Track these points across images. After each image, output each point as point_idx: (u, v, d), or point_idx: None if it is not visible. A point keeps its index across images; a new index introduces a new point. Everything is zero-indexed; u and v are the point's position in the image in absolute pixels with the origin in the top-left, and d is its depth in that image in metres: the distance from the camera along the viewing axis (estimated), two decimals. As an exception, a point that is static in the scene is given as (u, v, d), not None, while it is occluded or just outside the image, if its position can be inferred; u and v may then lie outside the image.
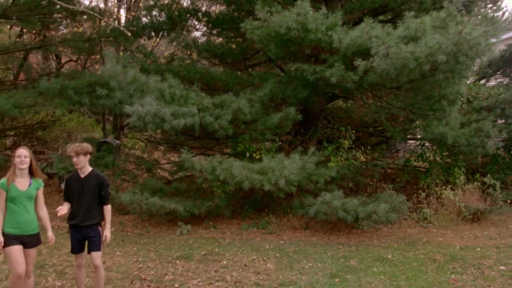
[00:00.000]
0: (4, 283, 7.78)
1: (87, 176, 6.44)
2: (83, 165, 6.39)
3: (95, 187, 6.42)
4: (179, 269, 8.35)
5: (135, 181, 13.17)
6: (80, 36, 15.04)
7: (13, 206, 5.94)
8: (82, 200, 6.38)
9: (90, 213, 6.40)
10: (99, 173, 6.57)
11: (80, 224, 6.40)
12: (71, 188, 6.45)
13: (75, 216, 6.42)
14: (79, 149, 6.30)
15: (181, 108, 10.32)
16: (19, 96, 12.47)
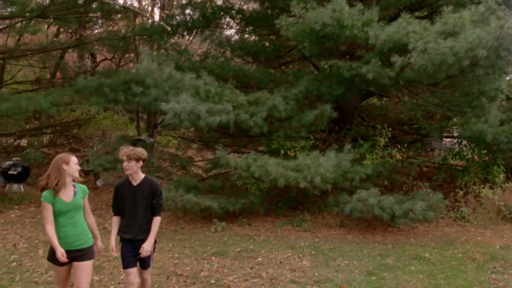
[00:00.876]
0: (44, 277, 7.91)
1: (140, 184, 5.79)
2: (134, 171, 5.73)
3: (149, 196, 5.77)
4: (214, 265, 8.36)
5: (169, 178, 13.24)
6: (115, 34, 15.20)
7: (60, 220, 5.27)
8: (135, 211, 5.76)
9: (145, 225, 5.78)
10: (153, 180, 5.91)
11: (135, 238, 5.79)
12: (122, 197, 5.83)
13: (128, 229, 5.80)
14: (131, 153, 5.70)
15: (216, 105, 10.33)
16: (57, 94, 12.65)
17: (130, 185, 5.78)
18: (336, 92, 11.33)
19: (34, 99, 12.40)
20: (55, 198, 5.21)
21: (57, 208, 5.22)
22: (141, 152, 5.76)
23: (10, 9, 13.41)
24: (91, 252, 5.46)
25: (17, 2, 12.97)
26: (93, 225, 5.62)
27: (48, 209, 5.23)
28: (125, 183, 5.82)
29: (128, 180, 5.81)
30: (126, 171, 5.72)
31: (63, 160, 5.33)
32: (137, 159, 5.69)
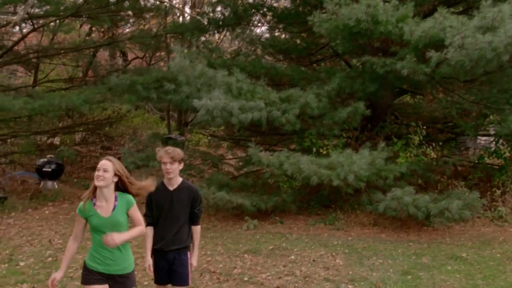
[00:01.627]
0: (79, 272, 7.95)
1: (177, 188, 5.13)
2: (175, 174, 5.10)
3: (187, 202, 5.11)
4: (247, 263, 8.33)
5: (201, 176, 13.27)
6: (147, 33, 15.29)
7: (97, 236, 4.42)
8: (170, 219, 5.10)
9: (179, 235, 5.11)
10: (191, 184, 5.28)
11: (167, 249, 5.11)
12: (157, 203, 5.15)
13: (160, 238, 5.13)
14: (174, 154, 5.01)
15: (249, 102, 10.29)
16: (90, 92, 12.78)
17: (166, 189, 5.13)
18: (369, 89, 11.19)
19: (67, 97, 12.56)
20: (90, 210, 4.41)
21: (91, 223, 4.42)
22: (181, 152, 5.15)
23: (45, 8, 13.58)
24: (132, 280, 4.65)
25: (52, 1, 13.14)
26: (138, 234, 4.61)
27: (78, 222, 4.52)
28: (159, 188, 5.11)
29: (163, 184, 5.16)
30: (167, 174, 5.06)
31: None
32: (180, 160, 5.08)
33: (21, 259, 8.69)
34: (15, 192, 13.99)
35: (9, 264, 8.39)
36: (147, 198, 5.16)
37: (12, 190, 13.98)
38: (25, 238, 10.08)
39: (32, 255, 8.96)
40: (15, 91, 16.42)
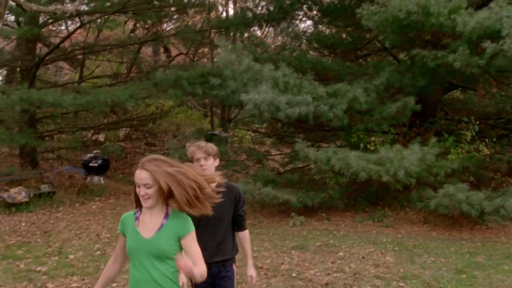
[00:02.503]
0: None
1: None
2: (211, 171, 4.31)
3: (230, 204, 4.30)
4: (294, 259, 8.22)
5: (246, 172, 13.21)
6: (192, 28, 15.31)
7: (132, 266, 3.18)
8: (211, 225, 4.26)
9: (222, 244, 4.33)
10: (232, 184, 4.53)
11: (209, 261, 4.03)
12: None
13: (202, 249, 4.01)
14: (208, 148, 4.29)
15: (296, 97, 10.16)
16: (135, 87, 12.86)
17: None
18: (419, 83, 10.91)
19: (113, 92, 12.66)
20: (130, 226, 3.22)
21: (127, 243, 3.21)
22: (215, 147, 4.39)
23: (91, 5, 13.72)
24: None
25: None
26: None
27: (120, 239, 3.35)
28: None
29: None
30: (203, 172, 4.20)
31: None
32: (215, 155, 4.33)
33: (71, 252, 8.79)
34: (63, 187, 14.20)
35: (59, 256, 8.51)
36: None
37: (59, 185, 14.19)
38: (73, 232, 10.20)
39: (80, 248, 9.05)
40: (62, 87, 16.71)
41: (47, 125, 17.42)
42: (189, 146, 4.38)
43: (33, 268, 7.79)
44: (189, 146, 4.38)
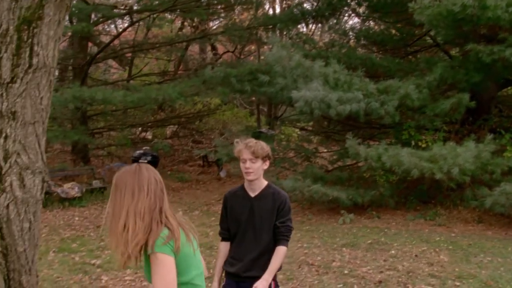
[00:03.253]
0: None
1: (260, 195, 3.86)
2: (258, 176, 3.81)
3: (271, 213, 3.81)
4: (346, 256, 8.13)
5: (294, 169, 13.18)
6: (240, 26, 15.36)
7: None
8: (249, 234, 3.86)
9: (261, 257, 3.81)
10: (279, 190, 3.95)
11: (243, 274, 3.83)
12: (234, 212, 3.92)
13: (236, 260, 3.90)
14: (257, 148, 3.74)
15: (346, 94, 10.05)
16: (184, 84, 12.98)
17: (246, 195, 3.90)
18: (473, 79, 10.65)
19: (163, 89, 12.80)
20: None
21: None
22: (268, 148, 3.84)
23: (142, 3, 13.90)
24: None
25: (149, -4, 13.46)
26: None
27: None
28: (238, 193, 3.97)
29: (243, 188, 3.94)
30: (247, 175, 3.80)
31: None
32: (265, 157, 3.80)
33: (123, 246, 8.87)
34: (113, 183, 14.40)
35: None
36: (223, 204, 4.06)
37: (110, 181, 14.37)
38: (125, 227, 10.32)
39: (132, 243, 9.14)
40: (112, 85, 17.02)
41: (98, 123, 17.79)
42: (237, 142, 3.88)
43: (87, 261, 7.95)
44: (237, 143, 3.88)
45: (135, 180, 2.61)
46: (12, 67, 3.15)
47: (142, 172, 2.65)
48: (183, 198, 13.44)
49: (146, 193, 2.59)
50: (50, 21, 3.23)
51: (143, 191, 2.59)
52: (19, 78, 3.17)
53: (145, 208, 2.57)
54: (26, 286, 3.07)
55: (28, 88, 3.20)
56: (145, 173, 2.65)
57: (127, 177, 2.63)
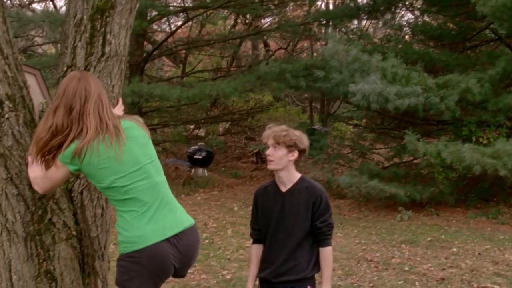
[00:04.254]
0: (236, 255, 8.10)
1: (291, 189, 3.47)
2: (282, 166, 3.40)
3: (306, 209, 3.43)
4: (405, 253, 7.98)
5: (349, 165, 13.06)
6: (295, 21, 15.31)
7: None
8: (282, 234, 3.47)
9: (293, 260, 3.44)
10: (313, 183, 3.54)
11: (275, 280, 3.47)
12: (264, 209, 3.55)
13: (268, 263, 3.52)
14: (280, 134, 3.34)
15: (405, 88, 9.87)
16: (239, 80, 13.03)
17: (277, 191, 3.51)
18: (538, 73, 10.31)
19: (218, 85, 12.86)
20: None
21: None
22: (299, 137, 3.41)
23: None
24: None
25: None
26: None
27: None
28: (269, 188, 3.58)
29: (275, 183, 3.54)
30: (268, 164, 3.48)
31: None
32: (290, 146, 3.35)
33: (180, 240, 8.98)
34: (169, 178, 14.51)
35: (169, 244, 8.71)
36: (253, 201, 3.68)
37: (166, 176, 14.59)
38: (181, 221, 10.44)
39: (189, 237, 9.24)
40: (167, 82, 17.24)
41: (152, 119, 18.05)
42: (268, 127, 3.52)
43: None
44: (268, 127, 3.51)
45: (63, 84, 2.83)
46: (86, 56, 3.23)
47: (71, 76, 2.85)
48: (237, 194, 13.50)
49: (63, 92, 2.77)
50: (122, 10, 3.28)
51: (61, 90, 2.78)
52: (92, 66, 3.24)
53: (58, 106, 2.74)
54: (99, 271, 3.13)
55: (101, 76, 3.27)
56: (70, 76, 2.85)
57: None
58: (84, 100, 2.72)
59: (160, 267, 2.77)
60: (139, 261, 2.73)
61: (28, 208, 2.94)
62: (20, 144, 2.96)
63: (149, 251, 2.74)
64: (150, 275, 2.76)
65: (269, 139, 3.39)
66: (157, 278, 2.82)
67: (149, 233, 2.76)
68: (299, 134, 3.42)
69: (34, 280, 2.91)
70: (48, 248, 2.95)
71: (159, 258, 2.76)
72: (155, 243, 2.75)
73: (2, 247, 2.95)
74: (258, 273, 3.59)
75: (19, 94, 3.03)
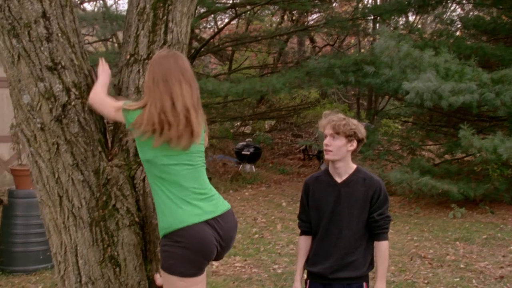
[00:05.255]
0: (286, 249, 8.11)
1: (348, 180, 3.36)
2: (341, 156, 3.28)
3: (364, 202, 3.32)
4: (460, 250, 7.87)
5: (399, 162, 12.90)
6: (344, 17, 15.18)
7: None
8: (337, 228, 3.34)
9: (350, 255, 3.32)
10: (371, 175, 3.43)
11: (331, 276, 3.34)
12: (317, 200, 3.42)
13: (321, 258, 3.39)
14: (340, 123, 3.24)
15: (459, 84, 9.66)
16: (288, 76, 12.99)
17: (331, 181, 3.39)
18: None
19: (267, 81, 12.86)
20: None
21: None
22: (358, 126, 3.32)
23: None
24: None
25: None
26: None
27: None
28: (321, 179, 3.45)
29: (328, 173, 3.43)
30: (325, 154, 3.33)
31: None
32: (350, 135, 3.26)
33: (230, 234, 9.05)
34: (217, 174, 14.74)
35: (220, 238, 8.79)
36: (302, 191, 3.54)
37: (214, 172, 14.75)
38: (230, 216, 10.52)
39: (239, 231, 9.27)
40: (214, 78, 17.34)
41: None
42: (325, 113, 3.42)
43: (199, 247, 8.13)
44: (325, 115, 3.42)
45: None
46: (148, 44, 3.27)
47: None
48: (285, 190, 13.51)
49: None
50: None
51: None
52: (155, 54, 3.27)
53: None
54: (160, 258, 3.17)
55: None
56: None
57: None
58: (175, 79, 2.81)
59: (203, 249, 2.80)
60: (183, 245, 2.77)
61: (93, 194, 3.02)
62: (86, 131, 3.04)
63: (191, 235, 2.78)
64: (194, 258, 2.80)
65: (326, 128, 3.29)
66: (201, 260, 2.85)
67: (188, 215, 2.80)
68: (357, 123, 3.33)
69: (99, 265, 2.98)
70: (112, 234, 3.02)
71: (202, 240, 2.80)
72: (196, 225, 2.79)
73: (68, 232, 3.03)
74: (306, 266, 3.49)
75: (84, 82, 3.11)
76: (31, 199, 6.75)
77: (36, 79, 2.94)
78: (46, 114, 2.95)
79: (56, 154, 2.98)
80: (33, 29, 2.91)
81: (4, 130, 9.25)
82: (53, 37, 2.96)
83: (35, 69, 2.94)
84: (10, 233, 6.77)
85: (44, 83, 2.94)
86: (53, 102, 2.95)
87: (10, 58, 2.95)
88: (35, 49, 2.93)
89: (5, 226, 6.86)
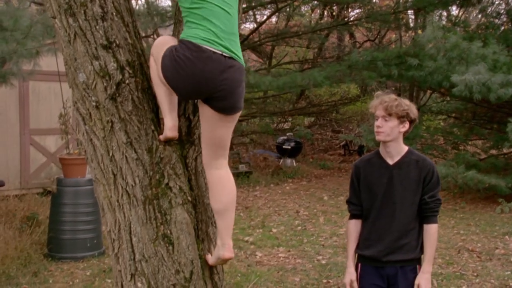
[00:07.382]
0: (330, 241, 8.06)
1: (400, 162, 3.33)
2: (392, 137, 3.24)
3: (417, 184, 3.30)
4: (509, 244, 7.74)
5: (443, 156, 12.69)
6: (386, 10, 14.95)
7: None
8: (390, 210, 3.33)
9: (405, 237, 3.32)
10: (423, 157, 3.42)
11: (385, 259, 3.33)
12: (369, 183, 3.41)
13: (373, 241, 3.39)
14: (392, 104, 3.20)
15: (507, 76, 9.42)
16: (330, 69, 12.89)
17: (383, 163, 3.36)
18: None
19: (308, 74, 12.80)
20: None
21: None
22: (410, 107, 3.26)
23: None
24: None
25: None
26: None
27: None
28: (373, 161, 3.43)
29: (379, 155, 3.41)
30: (376, 135, 3.31)
31: None
32: (402, 116, 3.21)
33: (273, 226, 9.14)
34: (258, 168, 14.79)
35: (263, 229, 8.90)
36: (352, 174, 3.53)
37: (255, 166, 14.80)
38: (272, 209, 10.59)
39: (281, 223, 9.34)
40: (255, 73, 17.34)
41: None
42: (376, 96, 3.37)
43: (241, 238, 8.25)
44: (377, 95, 3.39)
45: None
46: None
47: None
48: (326, 184, 13.45)
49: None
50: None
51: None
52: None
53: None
54: (212, 238, 3.16)
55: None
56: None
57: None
58: None
59: (205, 76, 2.73)
60: (190, 59, 2.72)
61: (146, 173, 3.01)
62: (139, 110, 3.03)
63: (202, 57, 2.71)
64: (192, 83, 2.75)
65: (378, 109, 3.25)
66: (198, 90, 2.79)
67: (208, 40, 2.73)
68: (410, 104, 3.29)
69: (153, 243, 2.98)
70: (165, 212, 3.00)
71: (208, 66, 2.72)
72: (209, 48, 2.71)
73: (122, 210, 3.03)
74: (358, 250, 3.46)
75: (138, 61, 3.11)
76: (79, 188, 6.89)
77: (91, 58, 2.96)
78: (101, 92, 2.96)
79: (111, 132, 2.99)
80: (88, 8, 2.93)
81: (51, 123, 9.46)
82: (108, 16, 2.98)
83: (90, 48, 2.95)
84: (58, 221, 6.91)
85: (99, 62, 2.96)
86: (108, 81, 2.96)
87: (67, 37, 2.97)
88: (90, 27, 2.94)
89: (54, 214, 7.01)
